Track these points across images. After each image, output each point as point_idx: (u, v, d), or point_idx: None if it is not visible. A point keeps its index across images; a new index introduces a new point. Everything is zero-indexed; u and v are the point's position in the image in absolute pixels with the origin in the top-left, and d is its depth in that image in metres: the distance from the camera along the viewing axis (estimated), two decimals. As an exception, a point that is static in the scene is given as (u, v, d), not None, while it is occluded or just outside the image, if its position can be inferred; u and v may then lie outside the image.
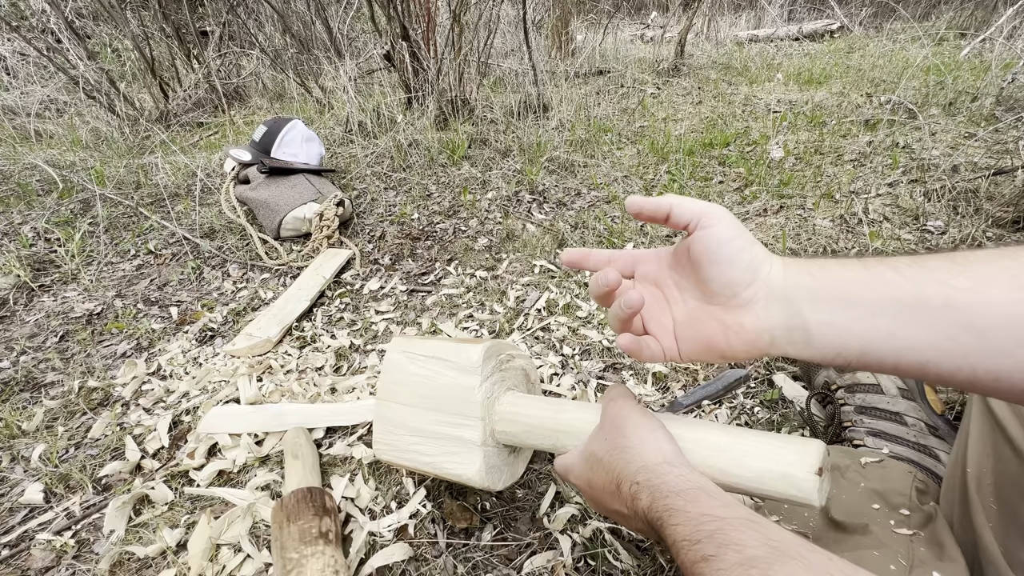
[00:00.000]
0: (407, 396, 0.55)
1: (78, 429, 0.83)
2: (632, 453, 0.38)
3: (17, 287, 1.20)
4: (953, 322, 0.28)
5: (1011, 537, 0.40)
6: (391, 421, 0.56)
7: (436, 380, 0.54)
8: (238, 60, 3.01)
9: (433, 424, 0.54)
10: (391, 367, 0.57)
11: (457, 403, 0.52)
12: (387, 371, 0.57)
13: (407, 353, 0.57)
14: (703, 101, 2.33)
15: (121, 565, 0.63)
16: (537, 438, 0.50)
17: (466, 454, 0.52)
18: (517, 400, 0.53)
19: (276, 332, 0.99)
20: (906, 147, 1.56)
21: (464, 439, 0.52)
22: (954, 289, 0.28)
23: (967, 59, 2.38)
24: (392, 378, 0.57)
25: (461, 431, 0.52)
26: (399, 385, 0.56)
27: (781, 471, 0.36)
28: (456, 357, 0.54)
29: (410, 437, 0.55)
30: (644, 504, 0.34)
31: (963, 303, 0.28)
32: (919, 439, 0.60)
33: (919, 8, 3.90)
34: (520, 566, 0.59)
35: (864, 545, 0.46)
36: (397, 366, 0.57)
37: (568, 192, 1.51)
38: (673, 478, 0.34)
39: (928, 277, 0.29)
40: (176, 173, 1.76)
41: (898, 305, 0.29)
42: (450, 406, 0.53)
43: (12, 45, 2.80)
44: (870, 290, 0.30)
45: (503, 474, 0.56)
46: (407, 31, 1.94)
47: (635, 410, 0.42)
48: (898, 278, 0.30)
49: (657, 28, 4.09)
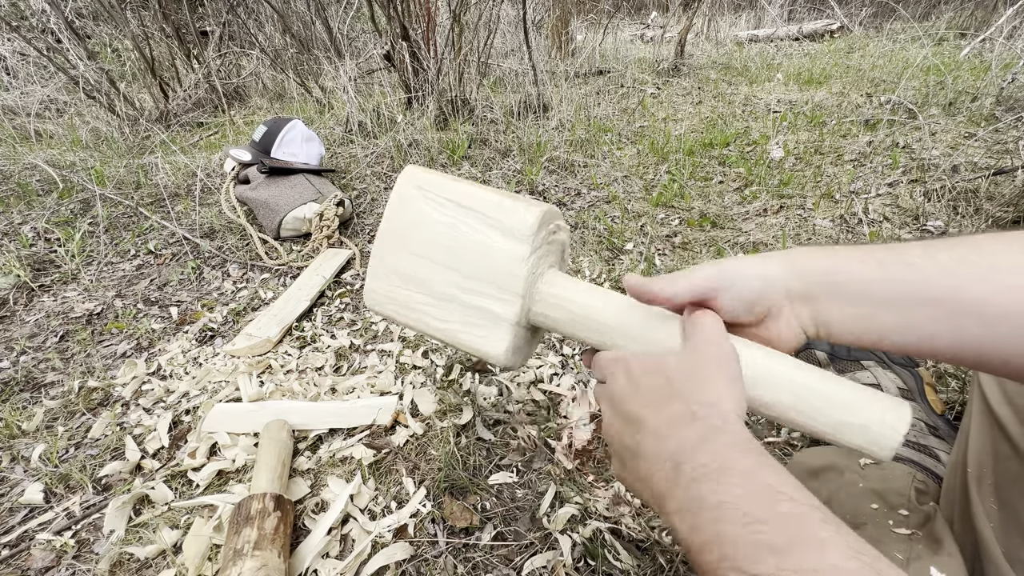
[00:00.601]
0: (422, 245, 0.44)
1: (78, 429, 0.83)
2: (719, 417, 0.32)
3: (17, 287, 1.20)
4: (963, 312, 0.31)
5: (1012, 536, 0.40)
6: (394, 269, 0.46)
7: (467, 237, 0.43)
8: (238, 60, 3.01)
9: (454, 287, 0.44)
10: (403, 205, 0.45)
11: (494, 271, 0.43)
12: (397, 208, 0.46)
13: (427, 193, 0.45)
14: (703, 101, 2.33)
15: (121, 565, 0.63)
16: (585, 330, 0.42)
17: (493, 330, 0.43)
18: (565, 283, 0.44)
19: (276, 332, 0.99)
20: (906, 147, 1.56)
21: (495, 313, 0.43)
22: (963, 280, 0.31)
23: (967, 59, 2.38)
24: (403, 218, 0.45)
25: (492, 304, 0.43)
26: (413, 229, 0.45)
27: (861, 425, 0.34)
28: (501, 215, 0.43)
29: (419, 294, 0.45)
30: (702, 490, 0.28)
31: (971, 296, 0.31)
32: (919, 439, 0.60)
33: (919, 8, 3.90)
34: (520, 566, 0.59)
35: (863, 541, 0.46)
36: (412, 206, 0.45)
37: (568, 192, 1.51)
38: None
39: (940, 272, 0.32)
40: (176, 173, 1.76)
41: (912, 302, 0.33)
42: (483, 272, 0.43)
43: (12, 45, 2.80)
44: (886, 290, 0.33)
45: (523, 355, 0.48)
46: (407, 31, 1.94)
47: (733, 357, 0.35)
48: (911, 275, 0.33)
49: (657, 28, 4.09)
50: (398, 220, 0.46)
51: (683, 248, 1.20)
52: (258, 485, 0.65)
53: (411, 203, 0.45)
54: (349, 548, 0.63)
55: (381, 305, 0.47)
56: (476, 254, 0.43)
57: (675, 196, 1.43)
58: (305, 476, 0.72)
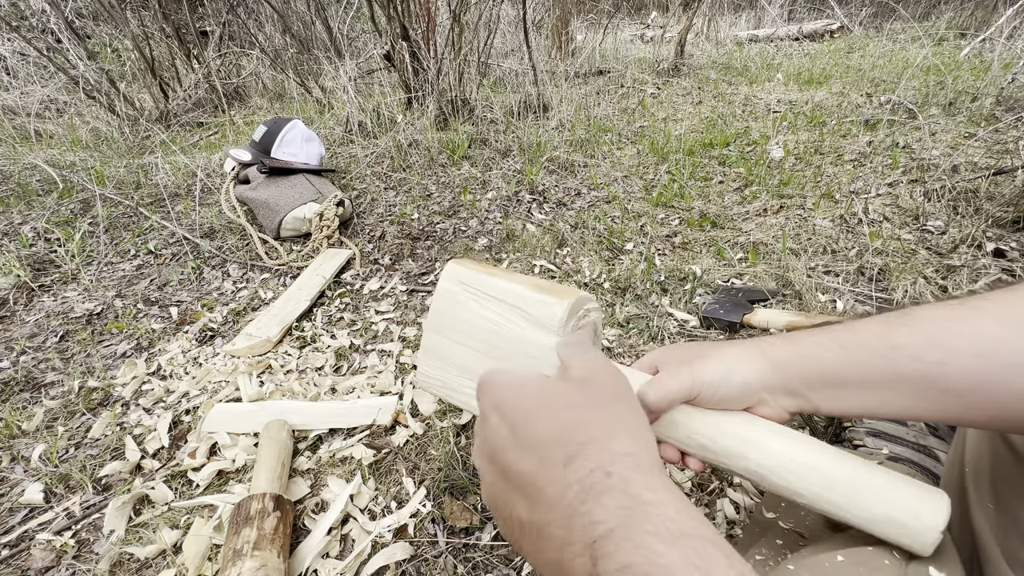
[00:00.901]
0: (460, 334, 0.48)
1: (78, 429, 0.83)
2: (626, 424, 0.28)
3: (17, 287, 1.20)
4: (935, 389, 0.34)
5: (1009, 536, 0.40)
6: (439, 354, 0.50)
7: (500, 327, 0.46)
8: (238, 60, 3.01)
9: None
10: (445, 299, 0.49)
11: (525, 360, 0.45)
12: (440, 301, 0.49)
13: (467, 287, 0.49)
14: (703, 101, 2.33)
15: (121, 565, 0.63)
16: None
17: None
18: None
19: (276, 332, 0.99)
20: (906, 147, 1.56)
21: None
22: (927, 364, 0.34)
23: (967, 59, 2.38)
24: (444, 310, 0.49)
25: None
26: (453, 320, 0.49)
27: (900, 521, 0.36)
28: (531, 307, 0.45)
29: (462, 379, 0.49)
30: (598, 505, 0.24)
31: (938, 375, 0.33)
32: (919, 439, 0.60)
33: (919, 8, 3.90)
34: (520, 566, 0.59)
35: (859, 541, 0.46)
36: (452, 298, 0.49)
37: (568, 192, 1.51)
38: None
39: (903, 355, 0.34)
40: (176, 173, 1.76)
41: (885, 383, 0.35)
42: (516, 360, 0.46)
43: (12, 45, 2.80)
44: (855, 374, 0.36)
45: None
46: (407, 31, 1.95)
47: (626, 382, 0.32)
48: (877, 361, 0.35)
49: (657, 28, 4.09)
50: (442, 312, 0.50)
51: (683, 248, 1.20)
52: (258, 485, 0.65)
53: (453, 297, 0.49)
54: (349, 548, 0.63)
55: (432, 387, 0.52)
56: (510, 343, 0.46)
57: (675, 196, 1.43)
58: (305, 476, 0.72)
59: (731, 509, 0.64)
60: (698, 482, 0.68)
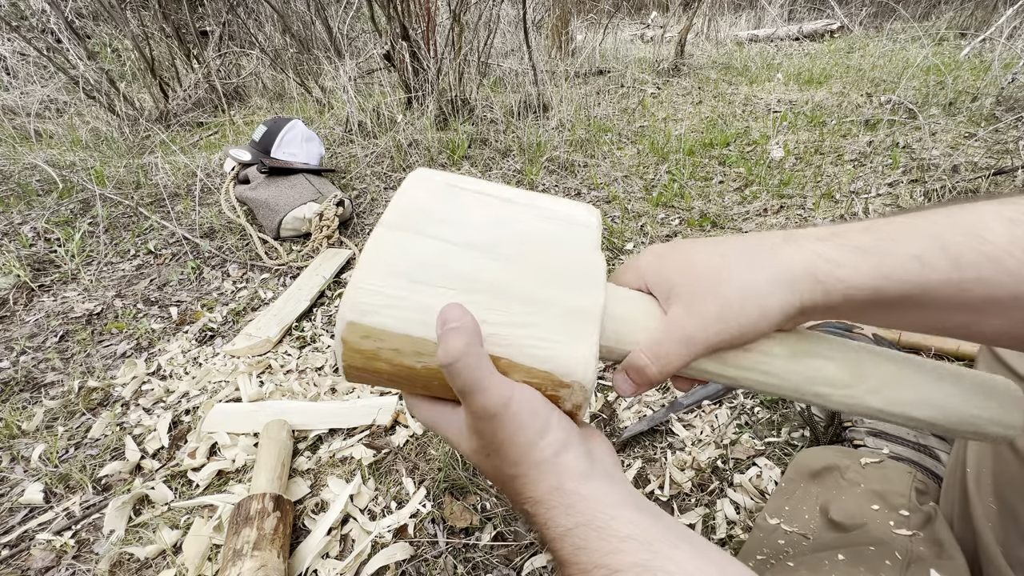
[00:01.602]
0: (453, 231, 0.33)
1: (78, 429, 0.83)
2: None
3: (17, 287, 1.20)
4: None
5: (1010, 536, 0.40)
6: (409, 258, 0.31)
7: (514, 225, 0.34)
8: (238, 60, 3.01)
9: (511, 278, 0.32)
10: (423, 194, 0.34)
11: (565, 263, 0.33)
12: (415, 196, 0.34)
13: (457, 187, 0.35)
14: (703, 101, 2.33)
15: (121, 565, 0.63)
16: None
17: (573, 329, 0.31)
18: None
19: (276, 332, 0.99)
20: (906, 147, 1.56)
21: (573, 306, 0.31)
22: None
23: (967, 59, 2.38)
24: (422, 204, 0.34)
25: (568, 295, 0.32)
26: (437, 214, 0.33)
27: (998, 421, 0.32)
28: (550, 205, 0.35)
29: (453, 290, 0.31)
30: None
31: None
32: (919, 439, 0.60)
33: (919, 8, 3.90)
34: (520, 566, 0.59)
35: (860, 542, 0.46)
36: (438, 193, 0.35)
37: (568, 192, 1.51)
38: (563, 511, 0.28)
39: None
40: (176, 173, 1.76)
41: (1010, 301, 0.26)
42: (550, 263, 0.33)
43: (12, 45, 2.80)
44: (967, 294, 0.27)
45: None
46: (407, 31, 1.95)
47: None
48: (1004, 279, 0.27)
49: (657, 28, 4.09)
50: (418, 207, 0.34)
51: (683, 248, 1.20)
52: (258, 485, 0.65)
53: (439, 192, 0.35)
54: (349, 548, 0.63)
55: (379, 314, 0.30)
56: (539, 243, 0.34)
57: (675, 196, 1.43)
58: (305, 476, 0.72)
59: (731, 510, 0.64)
60: (698, 482, 0.68)
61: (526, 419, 0.28)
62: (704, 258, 0.30)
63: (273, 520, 0.60)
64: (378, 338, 0.30)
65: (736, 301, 0.28)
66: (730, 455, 0.70)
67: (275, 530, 0.60)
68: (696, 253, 0.31)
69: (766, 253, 0.29)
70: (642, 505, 0.28)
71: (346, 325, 0.30)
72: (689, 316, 0.29)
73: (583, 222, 0.35)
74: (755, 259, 0.29)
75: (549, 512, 0.27)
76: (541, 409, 0.29)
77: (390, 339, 0.30)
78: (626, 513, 0.26)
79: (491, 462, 0.30)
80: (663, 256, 0.33)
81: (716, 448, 0.71)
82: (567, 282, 0.32)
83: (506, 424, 0.28)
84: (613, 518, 0.26)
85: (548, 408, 0.30)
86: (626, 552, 0.24)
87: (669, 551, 0.24)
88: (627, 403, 0.80)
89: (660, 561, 0.24)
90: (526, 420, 0.28)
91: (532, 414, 0.29)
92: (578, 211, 0.35)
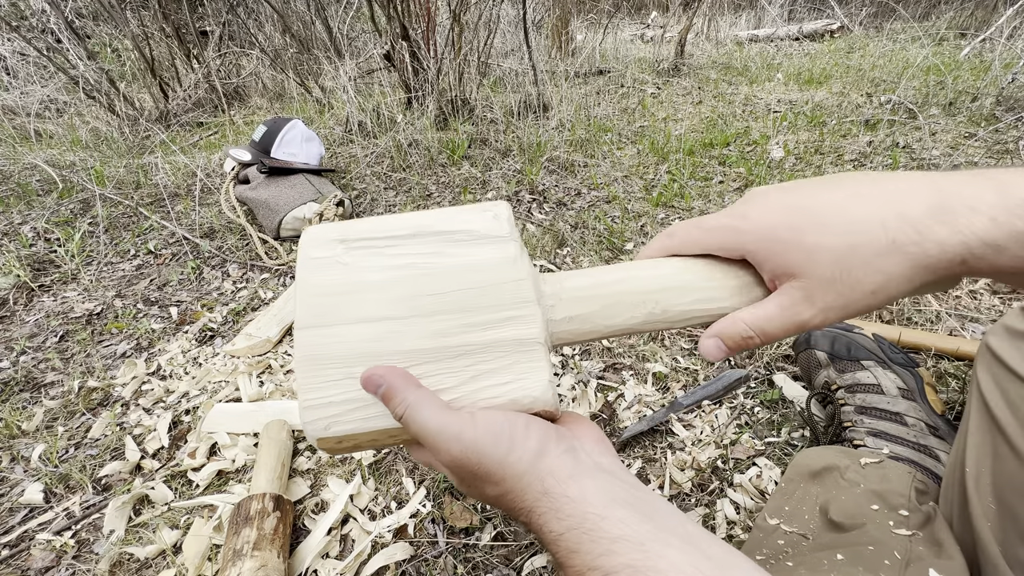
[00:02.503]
0: (364, 307, 0.31)
1: (78, 429, 0.83)
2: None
3: (17, 287, 1.20)
4: None
5: (1010, 536, 0.40)
6: (330, 358, 0.31)
7: (430, 267, 0.32)
8: (238, 60, 3.01)
9: (440, 337, 0.31)
10: (322, 272, 0.33)
11: (485, 291, 0.32)
12: (313, 280, 0.32)
13: (352, 244, 0.33)
14: (703, 101, 2.33)
15: (121, 565, 0.63)
16: (626, 312, 0.33)
17: (522, 361, 0.31)
18: (570, 275, 0.35)
19: (276, 332, 0.99)
20: (906, 147, 1.56)
21: (512, 340, 0.31)
22: None
23: (967, 59, 2.38)
24: (324, 287, 0.32)
25: (503, 330, 0.31)
26: (345, 294, 0.32)
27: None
28: (458, 224, 0.33)
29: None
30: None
31: None
32: (919, 439, 0.60)
33: (919, 8, 3.90)
34: (520, 566, 0.59)
35: (859, 542, 0.46)
36: (335, 265, 0.33)
37: (568, 192, 1.51)
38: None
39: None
40: (176, 173, 1.76)
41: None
42: (471, 299, 0.31)
43: (12, 45, 2.80)
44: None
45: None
46: (407, 31, 1.95)
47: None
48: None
49: (657, 28, 4.09)
50: (321, 292, 0.32)
51: (683, 248, 1.20)
52: (258, 485, 0.65)
53: (336, 264, 0.33)
54: (349, 548, 0.63)
55: (336, 426, 0.30)
56: (453, 280, 0.32)
57: (675, 196, 1.43)
58: (305, 476, 0.72)
59: (731, 510, 0.64)
60: (698, 482, 0.68)
61: (487, 443, 0.28)
62: (830, 237, 0.26)
63: (273, 520, 0.60)
64: (351, 439, 0.31)
65: (866, 295, 0.26)
66: (730, 455, 0.70)
67: (275, 530, 0.60)
68: (818, 228, 0.27)
69: (912, 236, 0.25)
70: (636, 499, 0.27)
71: (316, 441, 0.31)
72: (810, 304, 0.27)
73: (496, 234, 0.33)
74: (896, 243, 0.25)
75: (541, 519, 0.27)
76: (501, 428, 0.29)
77: (363, 436, 0.31)
78: (617, 512, 0.26)
79: (477, 489, 0.30)
80: (772, 230, 0.29)
81: (716, 448, 0.71)
82: (500, 315, 0.31)
83: (469, 455, 0.28)
84: (603, 519, 0.26)
85: (509, 423, 0.29)
86: (617, 553, 0.24)
87: (661, 549, 0.24)
88: (627, 403, 0.80)
89: (652, 560, 0.24)
90: (487, 444, 0.28)
91: (493, 436, 0.29)
92: (487, 222, 0.33)
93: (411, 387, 0.29)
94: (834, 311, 0.27)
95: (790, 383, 0.79)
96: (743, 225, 0.30)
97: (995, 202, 0.24)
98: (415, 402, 0.28)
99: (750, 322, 0.30)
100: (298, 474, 0.73)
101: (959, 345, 0.79)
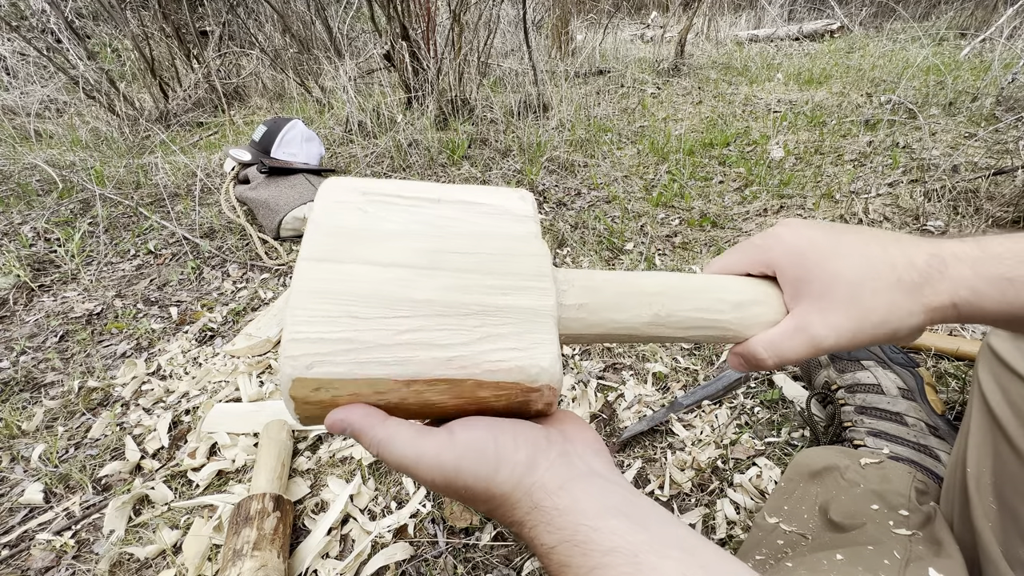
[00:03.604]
0: (389, 252, 0.30)
1: (78, 429, 0.83)
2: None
3: (17, 287, 1.20)
4: None
5: (1010, 536, 0.40)
6: (344, 293, 0.28)
7: (449, 230, 0.32)
8: (238, 60, 3.01)
9: (456, 292, 0.29)
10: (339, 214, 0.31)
11: (507, 258, 0.31)
12: (329, 219, 0.31)
13: (374, 196, 0.33)
14: (703, 101, 2.33)
15: (121, 565, 0.63)
16: (633, 309, 0.33)
17: (534, 331, 0.30)
18: (579, 271, 0.35)
19: (276, 332, 0.99)
20: (906, 147, 1.56)
21: (527, 308, 0.30)
22: None
23: (967, 59, 2.38)
24: (340, 227, 0.31)
25: (520, 297, 0.30)
26: (359, 236, 0.30)
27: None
28: (482, 198, 0.34)
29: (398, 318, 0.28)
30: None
31: None
32: (919, 439, 0.60)
33: (919, 8, 3.91)
34: (520, 566, 0.59)
35: (859, 541, 0.46)
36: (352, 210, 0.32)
37: (568, 192, 1.51)
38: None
39: None
40: (176, 173, 1.76)
41: None
42: (493, 263, 0.31)
43: (12, 45, 2.80)
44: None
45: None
46: (407, 31, 1.95)
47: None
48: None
49: (657, 28, 4.09)
50: (335, 231, 0.30)
51: (683, 248, 1.20)
52: (258, 485, 0.65)
53: (353, 209, 0.32)
54: (349, 548, 0.63)
55: (325, 366, 0.27)
56: (476, 243, 0.31)
57: (675, 196, 1.43)
58: (305, 476, 0.72)
59: (731, 510, 0.64)
60: (698, 482, 0.68)
61: (471, 462, 0.27)
62: (848, 265, 0.30)
63: (273, 520, 0.60)
64: (331, 387, 0.27)
65: (874, 324, 0.30)
66: (730, 455, 0.70)
67: (275, 530, 0.60)
68: (839, 257, 0.31)
69: (914, 278, 0.29)
70: (630, 507, 0.27)
71: (292, 382, 0.27)
72: (824, 325, 0.30)
73: (520, 212, 0.33)
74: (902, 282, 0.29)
75: (532, 532, 0.27)
76: (485, 444, 0.28)
77: (345, 386, 0.27)
78: (610, 523, 0.25)
79: (469, 502, 0.30)
80: (800, 249, 0.32)
81: (716, 448, 0.71)
82: (517, 283, 0.31)
83: (454, 481, 0.27)
84: (595, 530, 0.25)
85: (493, 437, 0.28)
86: (609, 567, 0.24)
87: (655, 561, 0.24)
88: (627, 403, 0.80)
89: (645, 572, 0.24)
90: (471, 463, 0.27)
91: (477, 454, 0.27)
92: (512, 200, 0.34)
93: (377, 424, 0.28)
94: (845, 334, 0.30)
95: (790, 383, 0.79)
96: (775, 243, 0.34)
97: (976, 255, 0.29)
98: (385, 439, 0.27)
99: (765, 344, 0.32)
100: (298, 474, 0.72)
101: (959, 345, 0.79)
